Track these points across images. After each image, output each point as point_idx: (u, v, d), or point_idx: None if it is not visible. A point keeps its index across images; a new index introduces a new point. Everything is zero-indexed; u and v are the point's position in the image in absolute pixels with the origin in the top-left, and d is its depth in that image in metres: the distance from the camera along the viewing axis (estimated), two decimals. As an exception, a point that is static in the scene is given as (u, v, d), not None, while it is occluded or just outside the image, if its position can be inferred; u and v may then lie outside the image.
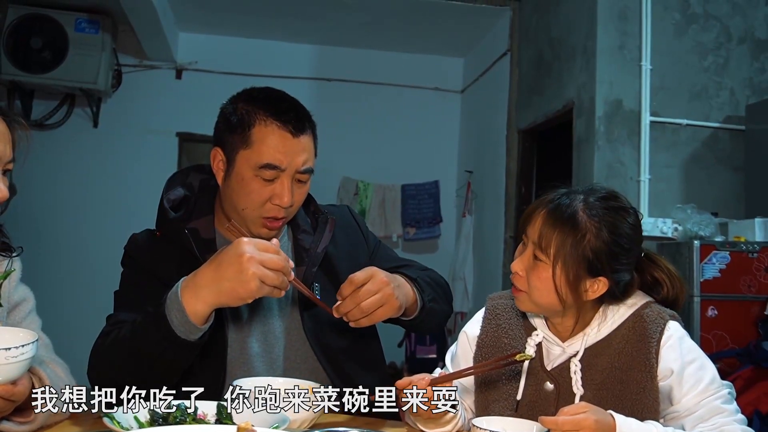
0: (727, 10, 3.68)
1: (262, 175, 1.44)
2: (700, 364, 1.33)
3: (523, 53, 4.71)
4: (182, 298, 1.25)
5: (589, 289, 1.32)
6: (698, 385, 1.30)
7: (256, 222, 1.49)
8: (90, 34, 5.06)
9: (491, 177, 5.10)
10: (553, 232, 1.29)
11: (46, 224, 5.28)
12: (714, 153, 3.62)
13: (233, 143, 1.47)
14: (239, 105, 1.50)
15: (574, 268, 1.29)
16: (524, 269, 1.33)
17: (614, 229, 1.32)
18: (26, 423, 1.15)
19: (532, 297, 1.33)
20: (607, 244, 1.30)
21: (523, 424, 1.27)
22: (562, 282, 1.29)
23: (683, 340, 1.35)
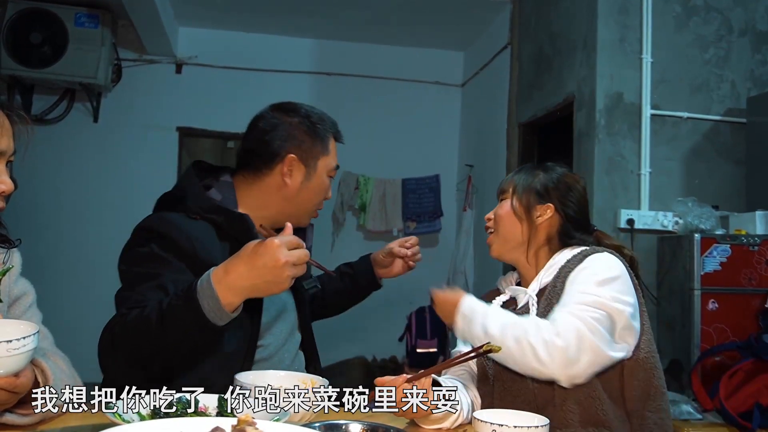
0: (728, 2, 3.67)
1: (330, 175, 1.76)
2: (594, 272, 1.48)
3: (524, 47, 4.70)
4: (216, 288, 1.32)
5: (540, 213, 1.64)
6: (579, 286, 1.47)
7: (311, 215, 1.77)
8: (90, 29, 5.05)
9: (492, 171, 5.10)
10: (512, 178, 1.73)
11: (47, 219, 5.29)
12: (715, 146, 3.62)
13: (314, 151, 1.71)
14: (304, 120, 1.72)
15: (527, 195, 1.66)
16: (492, 214, 1.74)
17: (553, 171, 1.70)
18: (28, 415, 1.15)
19: (499, 231, 1.69)
20: (551, 179, 1.68)
21: (523, 416, 1.28)
22: (519, 207, 1.66)
23: (601, 258, 1.52)
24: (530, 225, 1.64)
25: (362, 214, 5.67)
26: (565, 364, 1.36)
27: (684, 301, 3.01)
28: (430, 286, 1.62)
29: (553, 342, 1.36)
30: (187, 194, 1.64)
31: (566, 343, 1.36)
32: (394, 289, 5.72)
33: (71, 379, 1.29)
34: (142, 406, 1.09)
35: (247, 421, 0.80)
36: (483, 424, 1.22)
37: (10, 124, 1.22)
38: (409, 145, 5.85)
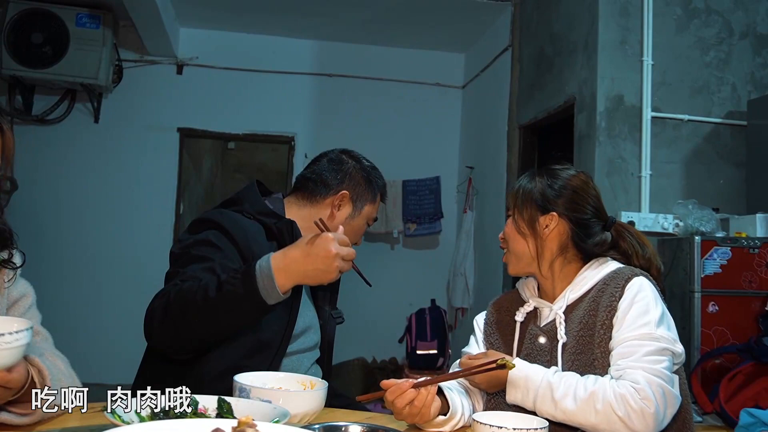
0: (729, 4, 3.67)
1: (370, 224, 1.94)
2: (645, 309, 1.42)
3: (524, 49, 4.70)
4: (273, 270, 1.47)
5: (545, 224, 1.56)
6: (633, 324, 1.40)
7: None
8: (91, 29, 5.06)
9: (492, 172, 5.10)
10: (513, 191, 1.63)
11: (47, 219, 5.29)
12: (715, 148, 3.62)
13: (365, 196, 1.91)
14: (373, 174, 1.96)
15: (528, 209, 1.57)
16: (503, 232, 1.64)
17: (551, 175, 1.61)
18: (26, 415, 1.15)
19: (510, 250, 1.61)
20: (549, 186, 1.58)
21: (522, 418, 1.28)
22: (521, 225, 1.58)
23: (643, 288, 1.45)
24: (536, 239, 1.56)
25: (362, 216, 5.66)
26: (657, 426, 1.33)
27: (684, 303, 3.01)
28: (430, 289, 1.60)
29: (645, 410, 1.30)
30: (245, 199, 1.84)
31: (656, 408, 1.31)
32: (395, 291, 5.74)
33: (69, 379, 1.29)
34: (142, 407, 1.09)
35: (248, 422, 0.79)
36: (483, 426, 1.22)
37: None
38: (409, 147, 5.85)
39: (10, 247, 1.30)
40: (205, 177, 7.06)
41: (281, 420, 1.05)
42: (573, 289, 1.54)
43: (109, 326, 5.12)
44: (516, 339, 1.59)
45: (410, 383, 1.31)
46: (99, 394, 1.36)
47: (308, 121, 5.85)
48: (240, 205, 1.81)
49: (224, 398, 1.14)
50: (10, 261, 1.29)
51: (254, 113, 5.75)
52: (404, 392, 1.30)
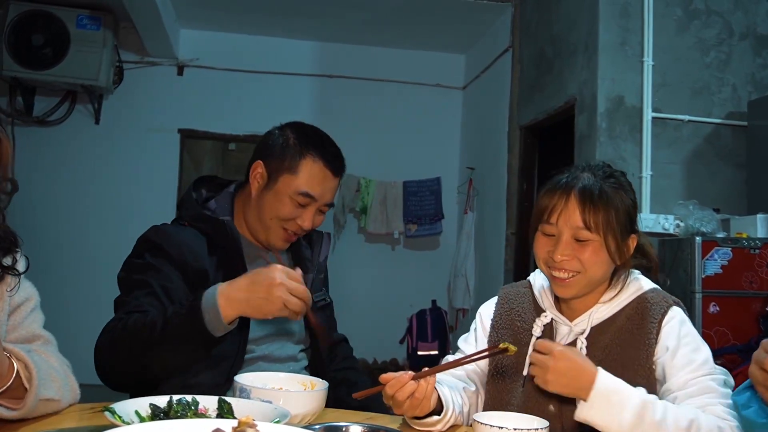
0: (729, 5, 3.67)
1: (298, 200, 1.67)
2: (696, 346, 1.36)
3: (525, 50, 4.70)
4: (218, 300, 1.41)
5: (628, 248, 1.42)
6: (692, 364, 1.33)
7: (277, 233, 1.71)
8: (91, 31, 5.06)
9: (493, 173, 5.10)
10: (596, 210, 1.36)
11: (48, 220, 5.29)
12: (716, 149, 3.62)
13: (279, 166, 1.69)
14: (290, 135, 1.73)
15: (619, 234, 1.38)
16: (571, 253, 1.37)
17: (628, 191, 1.43)
18: (16, 409, 1.15)
19: (588, 274, 1.38)
20: (630, 205, 1.42)
21: (522, 419, 1.27)
22: (613, 249, 1.37)
23: (684, 323, 1.38)
24: (623, 263, 1.41)
25: (363, 217, 5.67)
26: None
27: (685, 304, 3.00)
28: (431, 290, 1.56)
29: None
30: (182, 205, 1.77)
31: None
32: (395, 292, 5.75)
33: (62, 376, 1.28)
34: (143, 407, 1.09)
35: (248, 423, 0.79)
36: (483, 426, 1.22)
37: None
38: (410, 148, 5.86)
39: (14, 252, 1.30)
40: (205, 178, 7.04)
41: (282, 420, 1.05)
42: (599, 310, 1.42)
43: (110, 327, 5.12)
44: (529, 354, 1.40)
45: (409, 375, 1.27)
46: (100, 395, 1.36)
47: (309, 122, 5.73)
48: (180, 213, 1.75)
49: (224, 398, 1.14)
50: (13, 267, 1.29)
51: (255, 114, 5.74)
52: (404, 385, 1.26)
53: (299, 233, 1.72)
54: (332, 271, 1.98)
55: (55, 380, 1.24)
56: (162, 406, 1.10)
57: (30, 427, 1.17)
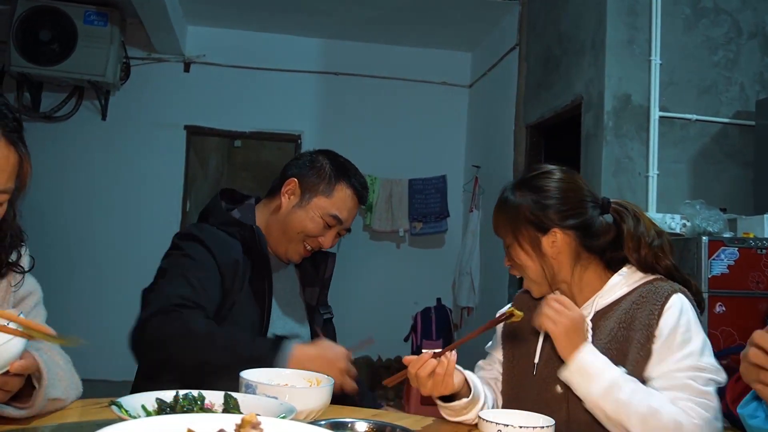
0: (738, 4, 3.66)
1: (327, 221, 1.81)
2: (687, 338, 1.37)
3: (532, 48, 4.69)
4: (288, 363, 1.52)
5: (551, 244, 1.47)
6: (676, 355, 1.35)
7: (297, 248, 1.83)
8: (98, 27, 5.07)
9: (498, 172, 5.09)
10: (498, 221, 1.53)
11: (54, 216, 5.30)
12: (723, 148, 3.61)
13: (314, 187, 1.82)
14: (325, 162, 1.85)
15: (525, 234, 1.48)
16: (507, 261, 1.54)
17: (536, 188, 1.49)
18: (24, 408, 1.15)
19: (527, 276, 1.51)
20: (534, 201, 1.47)
21: (528, 417, 1.27)
22: (527, 250, 1.48)
23: (684, 312, 1.39)
24: (547, 260, 1.48)
25: (368, 214, 5.67)
26: None
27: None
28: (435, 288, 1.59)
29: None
30: (210, 213, 1.88)
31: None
32: (400, 290, 5.74)
33: (68, 375, 1.29)
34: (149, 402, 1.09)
35: (251, 421, 0.79)
36: (488, 423, 1.22)
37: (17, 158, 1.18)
38: (416, 146, 5.85)
39: (19, 248, 1.30)
40: (211, 175, 7.07)
41: (287, 416, 1.05)
42: (603, 295, 1.48)
43: (115, 323, 5.11)
44: (540, 343, 1.51)
45: (430, 354, 1.33)
46: (105, 390, 1.36)
47: (315, 119, 5.85)
48: (206, 220, 1.86)
49: (231, 394, 1.14)
50: (17, 264, 1.29)
51: (261, 111, 5.75)
52: (425, 362, 1.32)
53: (315, 250, 1.86)
54: (337, 268, 2.03)
55: (62, 380, 1.25)
56: (168, 401, 1.10)
57: (35, 422, 1.18)
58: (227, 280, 1.69)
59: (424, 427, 1.37)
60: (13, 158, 1.17)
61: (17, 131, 1.18)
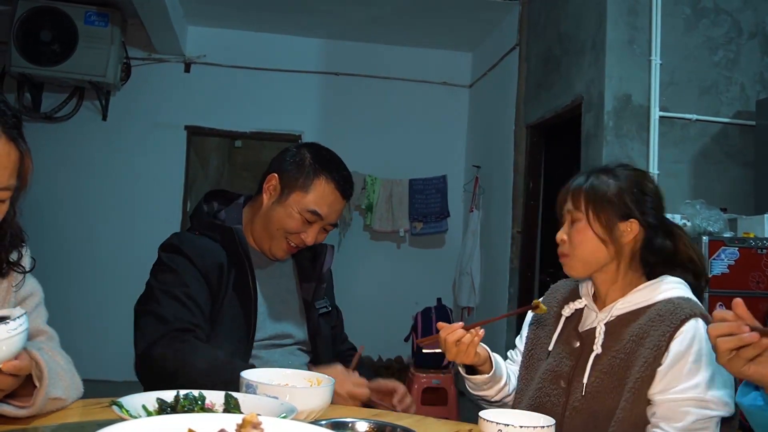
0: (738, 4, 3.65)
1: (306, 217, 1.76)
2: (698, 367, 1.33)
3: (532, 48, 4.69)
4: None
5: (624, 231, 1.47)
6: (683, 384, 1.33)
7: (280, 244, 1.79)
8: (99, 27, 5.07)
9: (499, 172, 5.09)
10: (582, 191, 1.50)
11: (54, 216, 5.31)
12: (723, 148, 3.61)
13: (293, 182, 1.77)
14: (306, 155, 1.80)
15: (605, 213, 1.47)
16: (566, 234, 1.52)
17: (635, 181, 1.51)
18: (25, 407, 1.15)
19: (577, 254, 1.50)
20: (626, 189, 1.49)
21: (529, 417, 1.27)
22: (597, 229, 1.47)
23: (696, 340, 1.35)
24: (616, 246, 1.47)
25: (369, 215, 5.67)
26: None
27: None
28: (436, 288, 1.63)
29: None
30: (194, 218, 1.88)
31: None
32: (401, 290, 5.74)
33: (69, 375, 1.29)
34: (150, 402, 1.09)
35: (252, 421, 0.79)
36: (489, 423, 1.22)
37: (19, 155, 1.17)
38: (416, 146, 5.86)
39: (20, 248, 1.30)
40: (211, 175, 7.07)
41: (288, 416, 1.05)
42: (624, 303, 1.48)
43: (115, 323, 5.11)
44: (556, 333, 1.57)
45: (460, 324, 1.46)
46: (106, 391, 1.36)
47: (315, 119, 5.85)
48: (191, 225, 1.86)
49: (231, 394, 1.14)
50: (18, 264, 1.29)
51: (261, 111, 5.76)
52: (455, 330, 1.44)
53: (301, 246, 1.82)
54: (337, 268, 2.01)
55: (63, 379, 1.25)
56: (169, 401, 1.10)
57: (36, 422, 1.18)
58: (213, 285, 1.68)
59: (424, 427, 1.37)
60: (15, 155, 1.17)
61: (17, 127, 1.18)
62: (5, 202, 1.19)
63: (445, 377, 4.72)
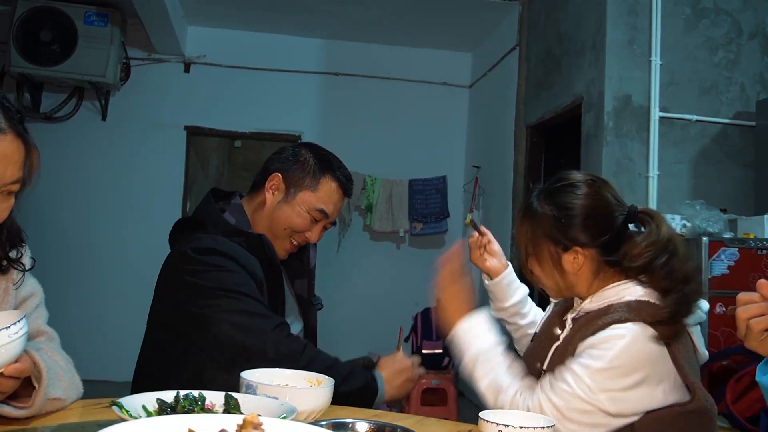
0: (738, 4, 3.66)
1: (313, 215, 1.79)
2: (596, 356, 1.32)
3: (532, 48, 4.69)
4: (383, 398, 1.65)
5: (572, 261, 1.42)
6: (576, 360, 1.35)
7: (284, 244, 1.80)
8: (99, 27, 5.07)
9: (499, 172, 5.09)
10: (520, 228, 1.49)
11: (54, 216, 5.31)
12: (723, 149, 3.61)
13: (299, 182, 1.79)
14: (309, 155, 1.82)
15: (547, 251, 1.44)
16: (528, 268, 1.52)
17: (560, 204, 1.43)
18: (24, 408, 1.15)
19: (545, 285, 1.50)
20: (556, 219, 1.42)
21: (529, 417, 1.27)
22: (546, 264, 1.45)
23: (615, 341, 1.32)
24: (566, 275, 1.44)
25: (368, 215, 5.67)
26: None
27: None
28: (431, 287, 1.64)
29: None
30: (207, 220, 1.77)
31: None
32: (400, 290, 5.74)
33: (69, 375, 1.29)
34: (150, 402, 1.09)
35: (253, 422, 0.79)
36: (489, 424, 1.22)
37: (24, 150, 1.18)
38: (416, 146, 5.86)
39: (19, 247, 1.30)
40: (211, 175, 7.07)
41: (289, 416, 1.05)
42: (592, 301, 1.45)
43: (115, 323, 5.13)
44: (545, 318, 1.62)
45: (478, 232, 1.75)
46: (105, 391, 1.36)
47: (315, 119, 5.85)
48: (205, 228, 1.74)
49: (231, 394, 1.14)
50: (19, 261, 1.29)
51: (261, 112, 5.76)
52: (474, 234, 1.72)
53: (301, 245, 1.84)
54: (337, 268, 2.02)
55: (62, 379, 1.24)
56: (169, 401, 1.10)
57: (36, 423, 1.17)
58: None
59: (424, 427, 1.37)
60: (23, 149, 1.18)
61: (22, 122, 1.19)
62: (13, 195, 1.20)
63: (445, 378, 4.72)
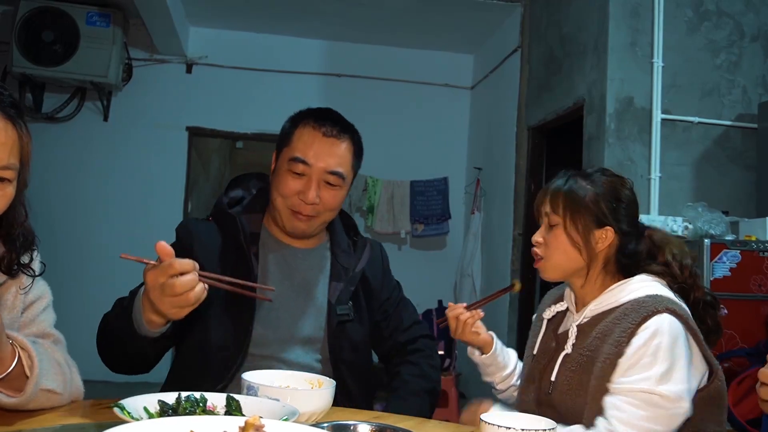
0: (740, 7, 3.65)
1: (293, 169, 1.63)
2: (653, 361, 1.33)
3: (534, 50, 4.69)
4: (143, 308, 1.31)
5: (599, 238, 1.48)
6: (636, 375, 1.33)
7: (286, 214, 1.67)
8: (101, 28, 5.08)
9: (500, 174, 5.09)
10: (560, 195, 1.51)
11: (56, 217, 5.31)
12: (725, 151, 3.60)
13: (281, 144, 1.70)
14: (293, 116, 1.74)
15: (582, 219, 1.48)
16: (542, 236, 1.54)
17: (611, 187, 1.51)
18: (15, 396, 1.15)
19: (552, 259, 1.52)
20: (603, 196, 1.49)
21: (531, 420, 1.27)
22: (575, 234, 1.48)
23: (660, 333, 1.35)
24: (590, 253, 1.48)
25: (370, 216, 5.67)
26: None
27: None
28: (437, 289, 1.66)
29: None
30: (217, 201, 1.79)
31: None
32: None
33: (68, 373, 1.28)
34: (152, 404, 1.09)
35: (254, 424, 0.79)
36: (491, 426, 1.21)
37: (16, 134, 1.16)
38: (417, 147, 5.85)
39: (31, 251, 1.30)
40: (213, 176, 7.08)
41: (290, 418, 1.04)
42: (596, 304, 1.49)
43: (117, 324, 5.13)
44: (540, 335, 1.61)
45: (464, 305, 1.65)
46: (106, 391, 1.36)
47: (316, 120, 5.84)
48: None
49: (233, 396, 1.14)
50: (29, 266, 1.29)
51: (263, 113, 5.75)
52: (456, 308, 1.64)
53: (306, 211, 1.64)
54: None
55: (59, 374, 1.24)
56: (171, 403, 1.10)
57: (36, 421, 1.17)
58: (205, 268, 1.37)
59: (425, 429, 1.37)
60: (12, 132, 1.15)
61: (14, 107, 1.17)
62: (12, 183, 1.17)
63: (446, 379, 4.72)
